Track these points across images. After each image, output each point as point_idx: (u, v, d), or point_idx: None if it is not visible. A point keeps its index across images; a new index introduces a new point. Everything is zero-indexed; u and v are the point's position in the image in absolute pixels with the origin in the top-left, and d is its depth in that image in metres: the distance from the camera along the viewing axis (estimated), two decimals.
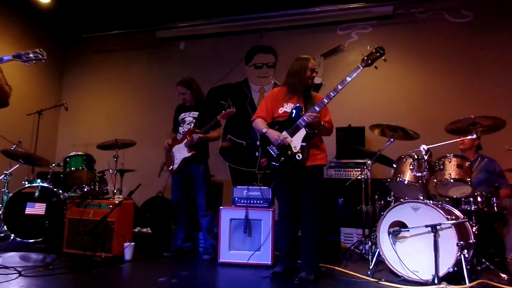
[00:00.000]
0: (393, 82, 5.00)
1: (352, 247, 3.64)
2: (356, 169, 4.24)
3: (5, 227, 3.85)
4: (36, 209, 3.87)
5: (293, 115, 2.79)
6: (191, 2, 5.32)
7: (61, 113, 6.38)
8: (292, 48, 5.41)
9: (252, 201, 3.29)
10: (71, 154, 4.12)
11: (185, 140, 3.61)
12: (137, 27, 5.98)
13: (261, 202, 3.29)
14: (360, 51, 5.18)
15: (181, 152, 3.64)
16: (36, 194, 3.91)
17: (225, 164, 5.55)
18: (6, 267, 2.81)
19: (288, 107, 2.85)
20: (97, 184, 4.11)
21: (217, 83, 5.79)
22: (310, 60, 2.88)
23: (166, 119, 5.80)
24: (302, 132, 2.73)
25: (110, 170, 4.36)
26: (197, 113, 3.72)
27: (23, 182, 4.16)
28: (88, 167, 4.08)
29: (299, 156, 2.70)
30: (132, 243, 3.38)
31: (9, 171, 4.28)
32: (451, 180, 2.94)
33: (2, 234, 3.95)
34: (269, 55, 5.63)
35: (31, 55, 2.20)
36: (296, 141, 2.74)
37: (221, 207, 3.32)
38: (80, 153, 4.15)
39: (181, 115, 3.81)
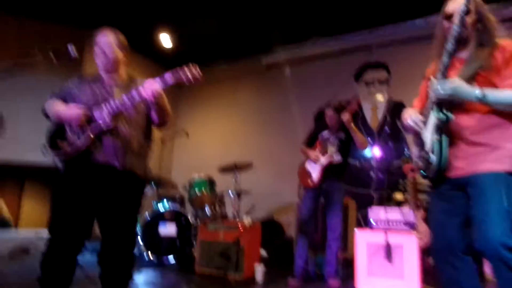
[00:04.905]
0: None
1: None
2: None
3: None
4: (168, 229, 4.11)
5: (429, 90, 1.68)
6: (296, 26, 5.40)
7: (176, 140, 6.88)
8: (407, 62, 5.08)
9: (391, 224, 3.03)
10: (195, 177, 4.32)
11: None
12: (243, 55, 6.25)
13: (402, 225, 3.01)
14: None
15: (316, 164, 3.42)
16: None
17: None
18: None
19: None
20: (217, 206, 4.23)
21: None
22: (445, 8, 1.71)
23: (277, 141, 5.93)
24: (433, 116, 1.62)
25: (230, 193, 4.46)
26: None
27: (153, 202, 4.51)
28: (210, 190, 4.25)
29: (432, 159, 1.62)
30: (262, 265, 3.35)
31: None
32: None
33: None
34: (380, 71, 5.39)
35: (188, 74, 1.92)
36: (428, 132, 1.65)
37: (356, 229, 3.13)
38: (203, 176, 4.34)
39: (324, 134, 3.59)
